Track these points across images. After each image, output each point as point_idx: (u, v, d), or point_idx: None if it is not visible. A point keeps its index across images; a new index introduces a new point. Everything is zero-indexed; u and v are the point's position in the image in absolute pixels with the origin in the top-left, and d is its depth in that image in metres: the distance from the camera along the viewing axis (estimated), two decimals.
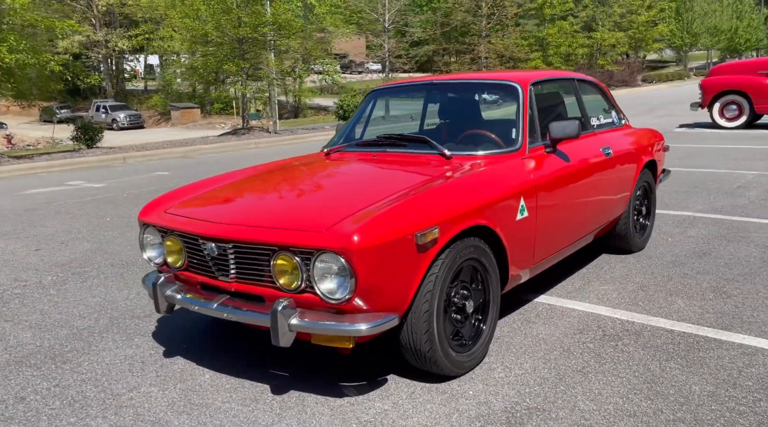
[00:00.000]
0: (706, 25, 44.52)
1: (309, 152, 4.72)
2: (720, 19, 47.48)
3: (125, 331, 3.76)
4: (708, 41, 46.58)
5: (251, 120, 35.72)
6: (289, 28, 16.63)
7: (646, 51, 40.27)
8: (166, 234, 3.16)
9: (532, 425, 2.54)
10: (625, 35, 32.57)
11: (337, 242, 2.54)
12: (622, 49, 34.43)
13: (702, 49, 49.85)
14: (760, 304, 3.76)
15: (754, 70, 14.22)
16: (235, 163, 12.33)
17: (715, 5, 47.25)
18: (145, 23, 38.38)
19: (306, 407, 2.77)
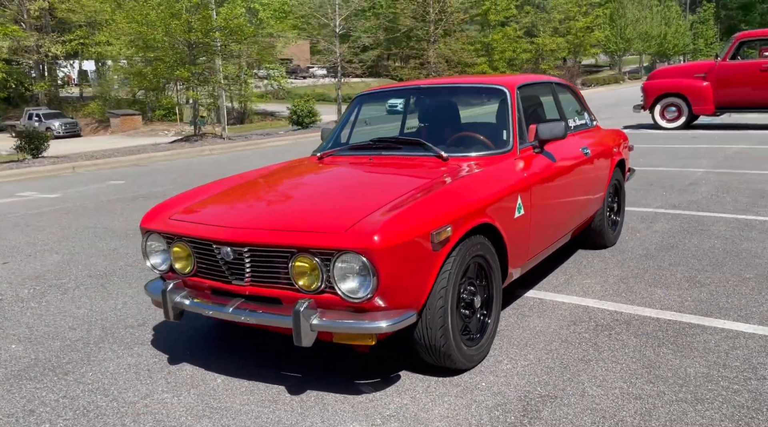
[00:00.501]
0: (637, 31, 46.49)
1: (266, 158, 4.81)
2: (650, 26, 49.58)
3: (122, 340, 3.72)
4: (640, 46, 48.61)
5: None
6: (241, 33, 16.50)
7: (584, 56, 41.79)
8: (173, 240, 3.16)
9: (548, 412, 2.68)
10: (565, 41, 33.76)
11: (358, 242, 2.61)
12: (562, 54, 35.64)
13: (635, 54, 52.01)
14: (731, 291, 4.02)
15: (691, 74, 14.98)
16: (192, 171, 12.19)
17: (645, 12, 49.34)
18: (79, 28, 37.19)
19: (326, 405, 2.83)
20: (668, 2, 54.69)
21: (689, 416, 2.58)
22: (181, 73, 16.26)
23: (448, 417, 2.67)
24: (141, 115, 37.41)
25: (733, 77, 14.32)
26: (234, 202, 3.41)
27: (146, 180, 11.26)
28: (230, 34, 16.42)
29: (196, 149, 15.47)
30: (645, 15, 48.58)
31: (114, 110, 37.52)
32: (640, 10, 48.20)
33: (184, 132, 32.45)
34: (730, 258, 4.71)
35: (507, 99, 3.86)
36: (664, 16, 51.92)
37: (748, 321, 3.55)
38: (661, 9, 52.37)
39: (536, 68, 32.68)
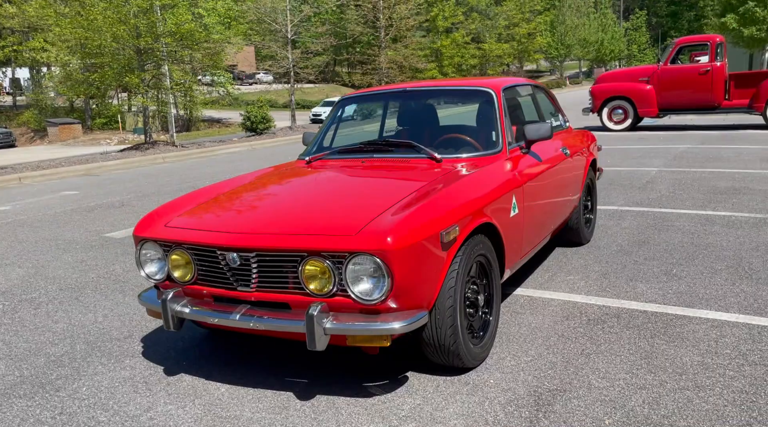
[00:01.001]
0: (577, 38, 47.97)
1: (223, 165, 4.73)
2: (588, 32, 51.23)
3: (110, 354, 3.60)
4: (579, 52, 50.14)
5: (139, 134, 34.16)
6: (191, 38, 16.18)
7: (528, 61, 42.84)
8: (171, 248, 3.08)
9: (560, 405, 2.73)
10: (510, 46, 34.50)
11: (372, 243, 2.61)
12: (508, 60, 36.42)
13: (574, 60, 53.62)
14: (707, 282, 4.20)
15: (636, 78, 15.57)
16: (148, 179, 11.88)
17: (583, 19, 50.96)
18: (12, 34, 35.71)
19: (339, 409, 2.81)
20: (604, 10, 56.65)
21: (695, 403, 2.68)
22: (130, 79, 15.81)
23: (464, 415, 2.70)
24: (81, 124, 36.17)
25: (674, 81, 14.95)
26: (233, 208, 3.35)
27: (101, 190, 10.91)
28: (180, 40, 16.08)
29: (148, 157, 15.08)
30: (583, 22, 50.23)
31: (52, 119, 36.13)
32: (578, 17, 49.82)
33: (128, 141, 31.56)
34: (699, 252, 4.92)
35: (494, 101, 3.93)
36: (600, 23, 53.77)
37: (728, 310, 3.71)
38: (597, 16, 54.22)
39: (483, 73, 33.32)
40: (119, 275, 5.25)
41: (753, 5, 27.51)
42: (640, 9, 70.50)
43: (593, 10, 54.11)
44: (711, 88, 14.59)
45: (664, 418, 2.58)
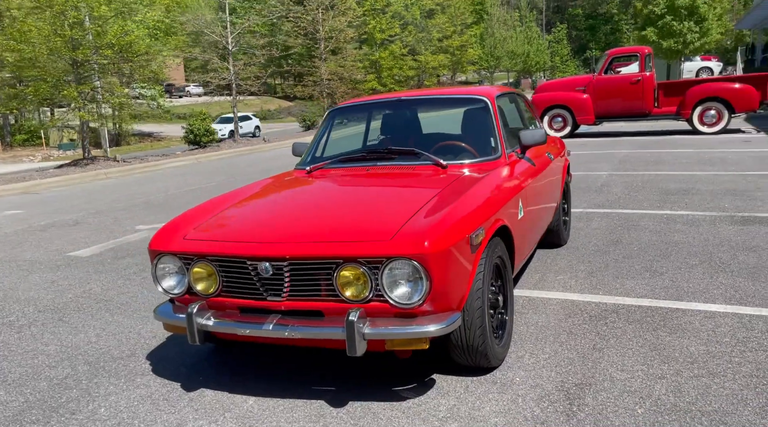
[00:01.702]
0: (505, 50, 49.58)
1: (173, 180, 4.64)
2: (515, 45, 52.99)
3: (117, 373, 3.48)
4: (508, 64, 51.78)
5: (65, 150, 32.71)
6: (130, 50, 15.71)
7: (462, 73, 43.81)
8: (193, 261, 3.03)
9: (590, 398, 2.85)
10: (445, 58, 35.26)
11: (410, 247, 2.66)
12: (444, 71, 37.15)
13: (503, 71, 55.29)
14: (687, 277, 4.45)
15: (573, 87, 16.25)
16: (96, 196, 11.44)
17: (510, 32, 52.72)
18: None
19: (377, 414, 2.83)
20: (529, 23, 58.75)
21: (713, 389, 2.85)
22: (68, 92, 15.15)
23: (502, 413, 2.77)
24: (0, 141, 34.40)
25: (608, 90, 15.71)
26: (254, 218, 3.33)
27: (48, 208, 10.44)
28: (120, 52, 15.58)
29: (89, 174, 14.52)
30: (511, 35, 51.96)
31: None
32: (506, 30, 51.50)
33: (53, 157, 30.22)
34: (671, 249, 5.20)
35: (489, 108, 4.06)
36: (526, 35, 55.73)
37: (715, 302, 3.95)
38: (523, 30, 56.17)
39: (420, 84, 33.90)
40: (99, 294, 5.07)
41: (670, 19, 29.23)
42: (560, 23, 73.34)
43: (519, 24, 56.08)
44: (642, 97, 15.40)
45: (691, 405, 2.73)
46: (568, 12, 78.17)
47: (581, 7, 77.33)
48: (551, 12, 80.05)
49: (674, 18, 29.21)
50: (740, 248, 5.08)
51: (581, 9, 77.16)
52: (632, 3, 72.33)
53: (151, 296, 4.87)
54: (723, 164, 9.94)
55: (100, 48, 15.19)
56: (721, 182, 8.26)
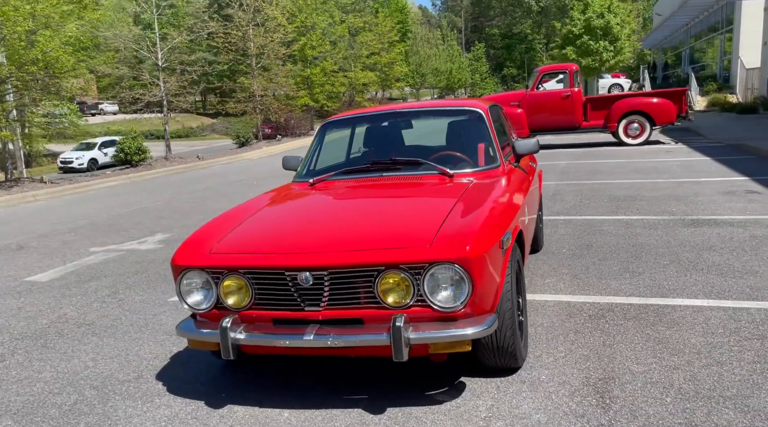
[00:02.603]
0: (430, 67, 50.87)
1: (110, 200, 4.48)
2: (438, 62, 54.40)
3: (130, 395, 3.37)
4: (432, 80, 53.06)
5: None
6: (58, 66, 15.02)
7: (390, 89, 44.45)
8: (222, 275, 2.99)
9: (618, 390, 3.00)
10: (374, 75, 35.75)
11: (452, 252, 2.74)
12: (374, 88, 37.60)
13: (428, 88, 56.58)
14: (663, 276, 4.73)
15: (507, 102, 16.82)
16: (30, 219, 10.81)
17: (434, 50, 54.16)
18: None
19: (419, 418, 2.88)
20: (450, 42, 60.48)
21: (726, 377, 3.07)
22: None
23: (541, 409, 2.88)
24: None
25: (540, 105, 16.40)
26: (281, 230, 3.31)
27: None
28: (45, 68, 14.86)
29: (15, 196, 13.73)
30: (435, 53, 53.35)
31: None
32: (429, 48, 52.86)
33: None
34: (639, 250, 5.51)
35: (484, 119, 4.21)
36: (449, 53, 57.34)
37: (696, 297, 4.23)
38: (445, 48, 57.78)
39: (352, 100, 34.18)
40: (77, 318, 4.85)
41: (587, 39, 30.90)
42: (479, 42, 75.76)
43: (441, 42, 57.68)
44: (572, 111, 16.17)
45: (711, 391, 2.93)
46: (485, 31, 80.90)
47: (497, 27, 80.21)
48: (469, 31, 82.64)
49: (591, 38, 30.90)
50: (701, 248, 5.45)
51: (497, 29, 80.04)
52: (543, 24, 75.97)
53: (136, 318, 4.71)
54: (656, 173, 10.57)
55: (24, 64, 14.44)
56: (661, 189, 8.80)
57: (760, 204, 7.27)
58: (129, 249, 7.42)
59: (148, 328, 4.46)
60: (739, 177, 9.45)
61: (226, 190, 12.48)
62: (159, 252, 7.06)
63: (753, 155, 12.13)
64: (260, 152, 23.32)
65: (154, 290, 5.47)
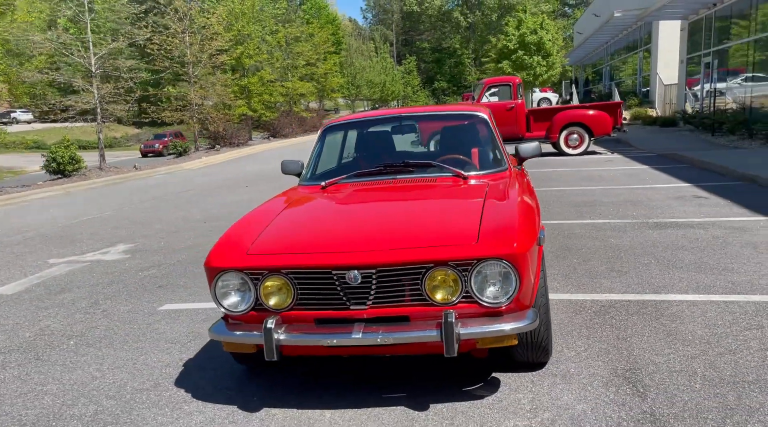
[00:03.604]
0: (365, 79, 51.29)
1: (47, 211, 4.17)
2: (373, 74, 54.90)
3: (156, 404, 3.25)
4: (367, 92, 53.49)
5: None
6: None
7: (327, 100, 44.41)
8: (263, 275, 2.95)
9: (648, 379, 3.14)
10: (312, 85, 35.61)
11: (501, 249, 2.81)
12: (311, 98, 37.46)
13: (363, 99, 56.93)
14: (649, 273, 4.96)
15: None
16: None
17: (368, 62, 54.65)
18: None
19: (466, 413, 2.92)
20: (383, 54, 61.16)
21: (742, 363, 3.26)
22: None
23: (582, 400, 2.98)
24: None
25: None
26: (316, 230, 3.28)
27: None
28: None
29: None
30: (369, 64, 53.82)
31: None
32: (364, 60, 53.29)
33: None
34: (618, 251, 5.76)
35: (488, 123, 4.33)
36: (382, 66, 57.97)
37: (687, 293, 4.47)
38: (379, 60, 58.39)
39: (291, 111, 33.95)
40: (63, 330, 4.62)
41: (522, 54, 32.01)
42: (410, 55, 76.92)
43: (375, 55, 58.26)
44: (516, 122, 16.69)
45: (734, 377, 3.11)
46: (416, 45, 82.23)
47: (428, 41, 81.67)
48: (401, 44, 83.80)
49: (525, 53, 32.04)
50: (674, 248, 5.75)
51: (428, 43, 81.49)
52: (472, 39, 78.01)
53: (129, 328, 4.54)
54: (604, 180, 11.05)
55: None
56: (616, 195, 9.21)
57: (710, 208, 7.73)
58: (94, 260, 7.11)
59: (146, 337, 4.31)
60: (682, 184, 10.00)
61: (177, 201, 12.14)
62: (129, 262, 6.81)
63: (686, 164, 12.84)
64: (200, 163, 22.78)
65: (139, 299, 5.28)
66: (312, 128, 34.89)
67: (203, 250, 7.09)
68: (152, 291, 5.50)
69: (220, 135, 26.60)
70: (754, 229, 6.38)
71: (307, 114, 35.18)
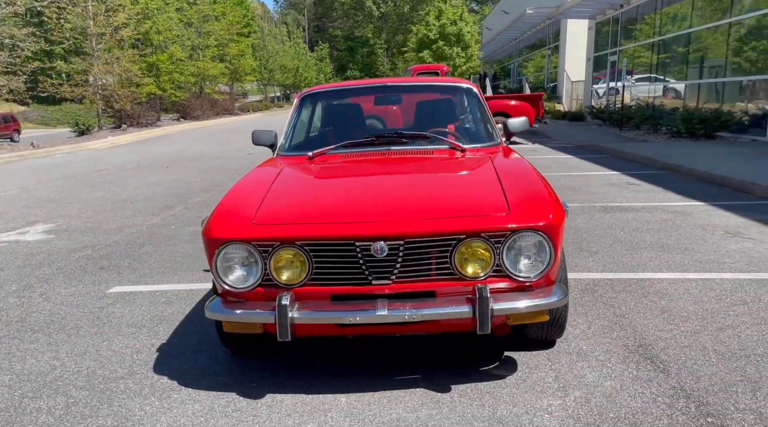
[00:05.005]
0: (278, 63, 50.06)
1: None
2: (286, 59, 53.69)
3: (139, 393, 2.87)
4: (280, 77, 52.27)
5: None
6: None
7: (241, 83, 42.86)
8: (274, 247, 2.64)
9: (664, 354, 3.08)
10: (224, 66, 34.20)
11: (537, 219, 2.65)
12: (224, 80, 35.98)
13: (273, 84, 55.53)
14: (619, 253, 4.99)
15: None
16: None
17: (282, 46, 53.37)
18: None
19: (492, 393, 2.75)
20: (296, 39, 59.96)
21: (744, 337, 3.27)
22: None
23: (607, 376, 2.88)
24: None
25: None
26: (327, 199, 2.97)
27: None
28: None
29: None
30: (283, 49, 52.56)
31: None
32: (277, 44, 51.95)
33: None
34: (579, 233, 5.79)
35: (477, 96, 4.16)
36: (295, 51, 56.81)
37: (661, 271, 4.51)
38: (292, 45, 57.15)
39: (202, 91, 32.43)
40: (25, 314, 4.06)
41: (442, 44, 32.30)
42: (322, 42, 76.05)
43: (288, 39, 56.92)
44: None
45: (742, 350, 3.12)
46: (328, 32, 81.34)
47: (340, 29, 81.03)
48: (313, 31, 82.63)
49: (446, 43, 32.32)
50: (630, 230, 5.85)
51: (340, 31, 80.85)
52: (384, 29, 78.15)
53: (79, 313, 4.06)
54: (538, 168, 11.18)
55: None
56: (554, 181, 9.16)
57: (646, 193, 7.99)
58: (11, 240, 6.39)
59: (103, 322, 3.85)
60: (611, 172, 10.32)
61: (92, 181, 11.24)
62: (56, 243, 6.16)
63: (607, 154, 13.33)
64: (106, 142, 21.34)
65: (81, 282, 4.75)
66: (224, 111, 33.62)
67: (139, 231, 6.55)
68: (94, 273, 4.97)
69: (127, 114, 25.03)
70: (695, 213, 6.62)
71: (219, 96, 33.83)
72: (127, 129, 24.71)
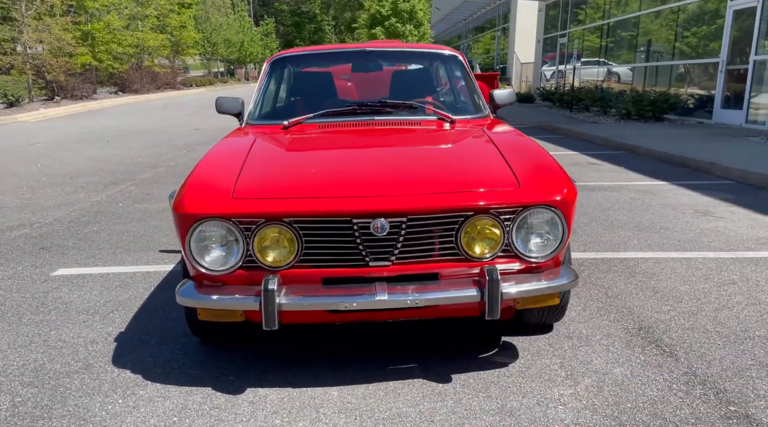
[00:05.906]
0: (222, 37, 48.33)
1: None
2: (230, 33, 51.91)
3: (97, 389, 2.52)
4: (224, 52, 50.54)
5: None
6: None
7: (182, 56, 41.10)
8: (258, 224, 2.32)
9: (666, 336, 2.93)
10: (165, 38, 32.59)
11: (550, 194, 2.42)
12: (165, 52, 34.32)
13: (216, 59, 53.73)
14: (597, 232, 4.86)
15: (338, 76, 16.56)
16: None
17: (225, 19, 51.51)
18: None
19: (497, 382, 2.53)
20: (241, 12, 58.06)
21: (745, 319, 3.14)
22: None
23: (614, 362, 2.70)
24: None
25: None
26: (315, 172, 2.64)
27: None
28: None
29: None
30: (227, 22, 50.73)
31: None
32: (221, 17, 50.14)
33: None
34: None
35: (463, 64, 3.90)
36: (240, 25, 54.98)
37: (643, 250, 4.39)
38: (236, 18, 55.30)
39: (140, 64, 30.89)
40: None
41: (395, 21, 31.79)
42: (268, 16, 74.18)
43: (232, 12, 55.03)
44: None
45: (744, 331, 3.00)
46: (274, 6, 79.39)
47: (286, 4, 79.23)
48: (258, 4, 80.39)
49: (398, 20, 31.82)
50: (602, 209, 5.74)
51: (287, 5, 79.06)
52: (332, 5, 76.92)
53: (20, 298, 3.64)
54: None
55: None
56: None
57: (608, 173, 7.95)
58: None
59: (48, 308, 3.43)
60: (570, 151, 10.29)
61: (26, 154, 10.46)
62: None
63: (562, 135, 13.35)
64: (38, 115, 20.08)
65: (20, 264, 4.28)
66: (166, 86, 32.21)
67: (82, 208, 6.05)
68: (35, 254, 4.50)
69: (60, 86, 23.60)
70: (661, 192, 6.58)
71: (159, 69, 32.35)
72: (60, 101, 23.32)
